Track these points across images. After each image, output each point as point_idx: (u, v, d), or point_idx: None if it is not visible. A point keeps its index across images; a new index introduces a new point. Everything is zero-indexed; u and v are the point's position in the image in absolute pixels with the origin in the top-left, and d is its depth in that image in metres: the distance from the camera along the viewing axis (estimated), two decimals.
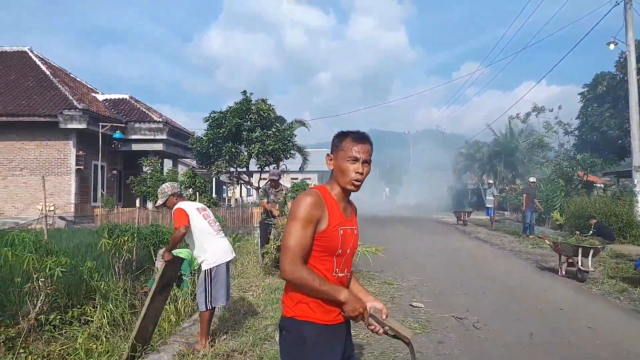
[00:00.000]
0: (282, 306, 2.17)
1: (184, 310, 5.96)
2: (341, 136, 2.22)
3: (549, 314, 6.12)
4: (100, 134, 18.92)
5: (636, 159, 15.37)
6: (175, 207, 4.78)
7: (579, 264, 8.13)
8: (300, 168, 26.56)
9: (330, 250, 2.10)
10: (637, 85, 15.84)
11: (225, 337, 5.07)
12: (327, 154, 2.26)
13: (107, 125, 19.29)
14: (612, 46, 16.78)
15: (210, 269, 4.69)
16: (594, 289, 7.67)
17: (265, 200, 9.00)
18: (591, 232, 11.91)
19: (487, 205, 20.18)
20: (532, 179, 17.10)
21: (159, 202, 5.02)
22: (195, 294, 5.73)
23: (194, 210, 4.80)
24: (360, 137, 2.19)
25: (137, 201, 16.47)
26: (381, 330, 2.12)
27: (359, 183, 2.16)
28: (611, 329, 5.49)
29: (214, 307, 4.80)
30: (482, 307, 6.45)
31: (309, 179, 40.73)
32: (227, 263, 4.86)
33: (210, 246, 4.74)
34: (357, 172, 2.13)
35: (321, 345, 2.05)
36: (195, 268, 6.92)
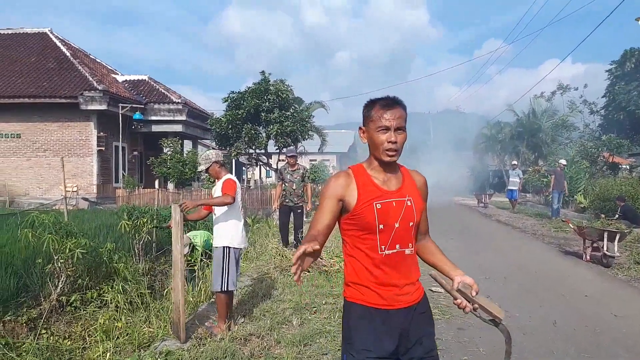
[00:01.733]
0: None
1: (203, 291, 5.97)
2: (370, 105, 2.09)
3: (573, 300, 5.98)
4: (120, 115, 19.05)
5: None
6: (228, 177, 4.78)
7: (604, 248, 7.92)
8: (319, 149, 26.47)
9: (367, 227, 1.99)
10: None
11: (243, 320, 5.06)
12: (360, 127, 2.13)
13: (127, 107, 19.39)
14: None
15: (230, 247, 4.71)
16: (619, 274, 7.48)
17: (280, 184, 8.95)
18: (617, 215, 11.61)
19: (510, 187, 19.40)
20: (562, 161, 16.64)
21: (201, 167, 4.98)
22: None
23: (239, 189, 4.85)
24: (390, 103, 2.03)
25: (157, 182, 16.58)
26: (468, 308, 2.01)
27: (393, 153, 2.01)
28: (638, 316, 5.33)
29: (232, 290, 4.80)
30: (504, 292, 6.33)
31: (328, 160, 40.67)
32: (241, 250, 4.94)
33: (236, 227, 4.79)
34: (389, 142, 1.99)
35: (365, 328, 1.99)
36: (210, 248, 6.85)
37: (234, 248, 4.73)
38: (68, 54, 21.30)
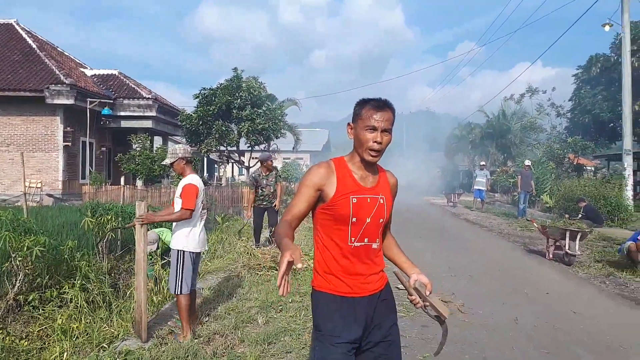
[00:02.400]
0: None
1: (166, 290, 5.87)
2: (361, 104, 2.16)
3: (534, 298, 6.11)
4: (88, 110, 18.61)
5: (627, 142, 15.36)
6: (190, 180, 4.49)
7: (567, 247, 8.12)
8: (293, 148, 26.42)
9: (342, 218, 2.09)
10: (630, 68, 15.74)
11: (207, 319, 5.00)
12: (348, 123, 2.22)
13: (95, 101, 18.96)
14: (607, 28, 16.62)
15: (185, 251, 4.49)
16: (580, 272, 7.68)
17: (252, 192, 8.75)
18: (580, 215, 11.94)
19: (478, 187, 19.18)
20: (527, 162, 17.06)
21: (166, 161, 4.72)
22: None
23: (201, 192, 4.56)
24: (381, 105, 2.12)
25: (122, 179, 16.21)
26: (420, 304, 2.16)
27: (376, 153, 2.11)
28: (596, 314, 5.48)
29: (193, 291, 4.64)
30: (468, 290, 6.42)
31: (301, 158, 40.65)
32: (199, 254, 4.72)
33: (193, 231, 4.52)
34: (375, 142, 2.08)
35: (333, 315, 2.09)
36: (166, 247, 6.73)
37: (189, 252, 4.49)
38: (34, 46, 20.69)
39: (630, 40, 16.03)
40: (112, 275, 7.02)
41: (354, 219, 2.09)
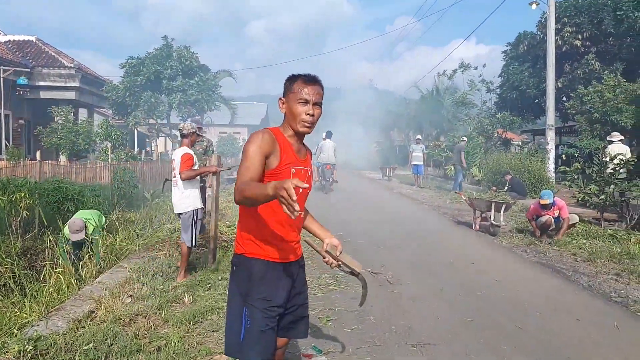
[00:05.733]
0: (235, 244, 2.31)
1: (86, 274, 5.57)
2: (292, 79, 2.25)
3: (460, 267, 6.31)
4: (2, 79, 17.17)
5: (550, 117, 16.12)
6: None
7: (492, 218, 8.44)
8: (229, 122, 25.81)
9: None
10: (554, 46, 16.43)
11: (130, 300, 4.76)
12: (280, 98, 2.28)
13: (9, 70, 17.51)
14: (534, 6, 17.19)
15: None
16: (504, 242, 8.02)
17: None
18: (506, 188, 12.46)
19: (415, 162, 18.65)
20: (464, 139, 17.70)
21: None
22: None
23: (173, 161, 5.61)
24: (311, 79, 2.23)
25: (38, 153, 15.16)
26: (334, 264, 2.31)
27: (309, 125, 2.21)
28: (516, 281, 5.73)
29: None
30: (398, 261, 6.54)
31: (239, 132, 39.89)
32: (178, 214, 5.61)
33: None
34: (308, 114, 2.18)
35: (267, 280, 2.20)
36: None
37: None
38: None
39: (555, 19, 16.69)
40: (28, 256, 6.60)
41: None
